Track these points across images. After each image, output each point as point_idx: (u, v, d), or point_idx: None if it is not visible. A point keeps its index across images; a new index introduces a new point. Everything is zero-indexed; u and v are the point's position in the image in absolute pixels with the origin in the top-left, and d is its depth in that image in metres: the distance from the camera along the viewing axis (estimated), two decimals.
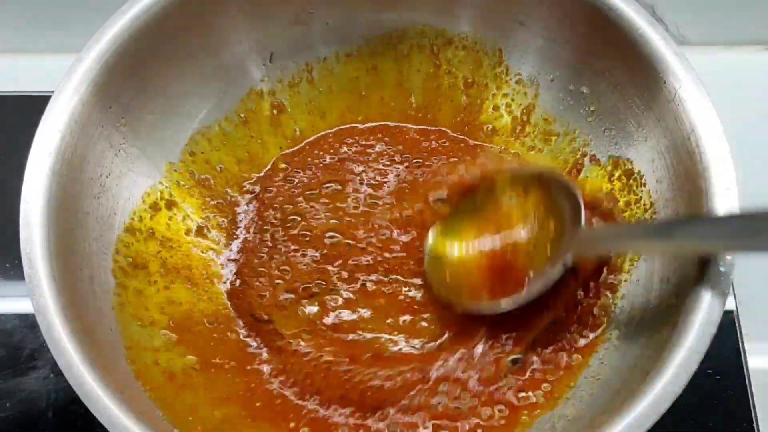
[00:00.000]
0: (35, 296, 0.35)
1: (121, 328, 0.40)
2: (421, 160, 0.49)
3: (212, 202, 0.48)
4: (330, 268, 0.46)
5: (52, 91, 0.39)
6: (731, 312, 0.48)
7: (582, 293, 0.44)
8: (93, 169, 0.41)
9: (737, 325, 0.48)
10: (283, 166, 0.49)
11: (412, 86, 0.50)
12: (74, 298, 0.36)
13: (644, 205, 0.42)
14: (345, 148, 0.50)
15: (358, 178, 0.49)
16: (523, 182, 0.44)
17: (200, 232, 0.47)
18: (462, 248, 0.44)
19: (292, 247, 0.46)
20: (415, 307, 0.45)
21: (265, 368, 0.43)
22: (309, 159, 0.50)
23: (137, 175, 0.44)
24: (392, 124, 0.51)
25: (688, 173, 0.38)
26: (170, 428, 0.37)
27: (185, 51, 0.44)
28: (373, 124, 0.51)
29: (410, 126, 0.50)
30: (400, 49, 0.49)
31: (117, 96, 0.41)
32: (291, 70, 0.49)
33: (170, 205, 0.46)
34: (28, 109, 0.41)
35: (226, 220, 0.48)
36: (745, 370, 0.47)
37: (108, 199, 0.42)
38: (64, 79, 0.39)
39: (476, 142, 0.49)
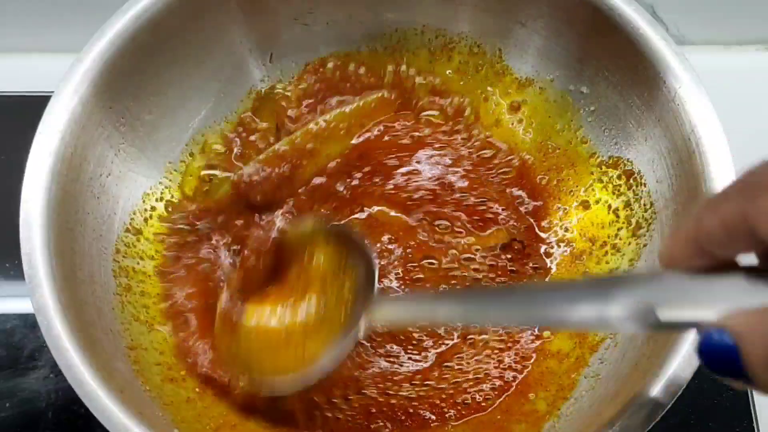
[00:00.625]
0: (35, 296, 0.35)
1: (121, 328, 0.40)
2: None
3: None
4: None
5: (52, 91, 0.39)
6: None
7: None
8: (93, 169, 0.41)
9: None
10: None
11: (412, 86, 0.50)
12: (74, 298, 0.36)
13: (644, 205, 0.42)
14: None
15: None
16: (320, 240, 0.41)
17: None
18: (256, 316, 0.41)
19: None
20: None
21: None
22: None
23: (137, 175, 0.44)
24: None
25: (688, 173, 0.38)
26: (170, 428, 0.37)
27: (185, 51, 0.44)
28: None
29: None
30: (400, 49, 0.49)
31: (117, 96, 0.41)
32: (291, 70, 0.49)
33: (170, 205, 0.46)
34: (28, 109, 0.40)
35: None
36: None
37: (108, 199, 0.42)
38: (64, 79, 0.39)
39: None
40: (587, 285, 0.29)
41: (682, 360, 0.33)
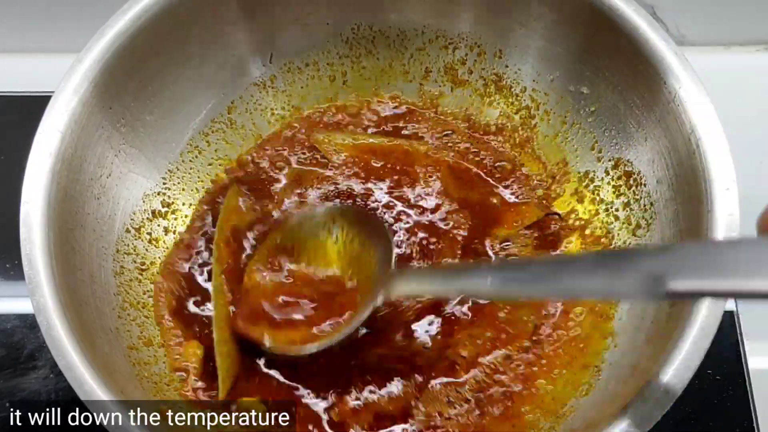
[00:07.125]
0: (35, 296, 0.35)
1: (121, 328, 0.40)
2: None
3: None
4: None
5: (52, 91, 0.39)
6: (731, 312, 0.48)
7: None
8: (93, 169, 0.41)
9: (737, 325, 0.48)
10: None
11: (412, 86, 0.50)
12: (74, 298, 0.36)
13: (644, 205, 0.42)
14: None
15: None
16: (343, 218, 0.44)
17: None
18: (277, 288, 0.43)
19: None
20: None
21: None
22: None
23: (137, 176, 0.44)
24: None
25: (688, 173, 0.38)
26: (170, 428, 0.37)
27: (185, 51, 0.44)
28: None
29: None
30: (401, 49, 0.49)
31: (117, 96, 0.41)
32: (291, 70, 0.49)
33: (169, 205, 0.46)
34: (28, 109, 0.41)
35: None
36: (745, 371, 0.47)
37: (108, 199, 0.42)
38: (64, 79, 0.39)
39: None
40: (601, 257, 0.32)
41: (683, 360, 0.33)
